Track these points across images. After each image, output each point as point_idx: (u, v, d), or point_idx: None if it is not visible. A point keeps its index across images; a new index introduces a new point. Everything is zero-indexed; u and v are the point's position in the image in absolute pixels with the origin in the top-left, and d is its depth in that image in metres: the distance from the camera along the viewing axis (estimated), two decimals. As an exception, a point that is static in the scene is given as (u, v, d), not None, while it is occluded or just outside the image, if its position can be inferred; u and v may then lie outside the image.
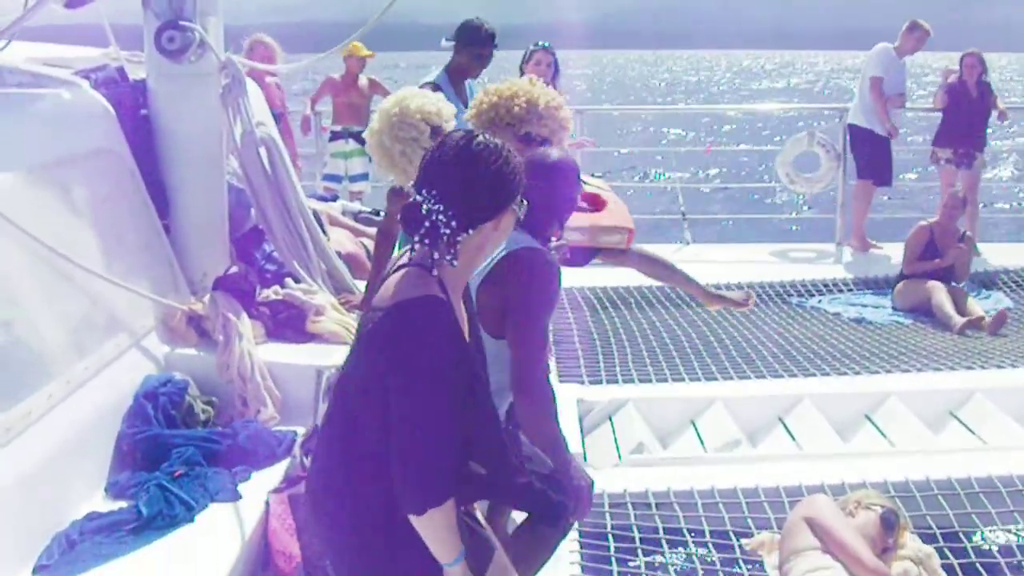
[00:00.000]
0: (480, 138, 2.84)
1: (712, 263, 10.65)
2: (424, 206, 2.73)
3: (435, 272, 2.77)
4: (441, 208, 2.73)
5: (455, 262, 2.76)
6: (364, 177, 11.68)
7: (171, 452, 4.69)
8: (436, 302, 2.72)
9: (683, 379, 7.19)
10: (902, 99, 11.27)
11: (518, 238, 3.78)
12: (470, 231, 2.77)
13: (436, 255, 2.75)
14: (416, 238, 2.76)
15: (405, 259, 2.85)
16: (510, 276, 3.69)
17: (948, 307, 8.83)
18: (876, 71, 11.11)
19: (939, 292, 8.98)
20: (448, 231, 2.73)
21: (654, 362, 7.55)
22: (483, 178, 2.79)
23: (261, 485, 4.61)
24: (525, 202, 2.95)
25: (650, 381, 7.16)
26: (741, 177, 25.62)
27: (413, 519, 2.74)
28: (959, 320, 8.63)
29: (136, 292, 5.28)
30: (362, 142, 9.38)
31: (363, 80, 11.50)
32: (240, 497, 4.51)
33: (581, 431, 6.28)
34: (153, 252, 5.75)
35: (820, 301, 9.55)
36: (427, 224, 2.72)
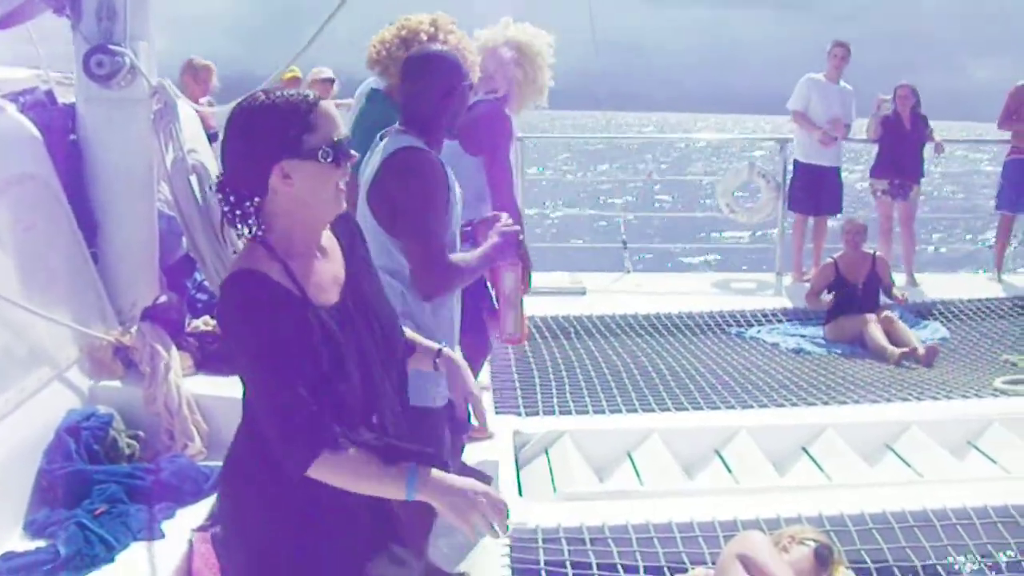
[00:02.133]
0: (242, 103, 2.69)
1: (652, 293, 10.69)
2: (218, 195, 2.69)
3: (262, 238, 2.68)
4: (219, 186, 2.67)
5: (259, 231, 2.66)
6: None
7: (93, 489, 4.56)
8: (246, 275, 2.62)
9: (620, 410, 7.16)
10: (840, 124, 11.29)
11: (400, 139, 3.92)
12: (258, 198, 2.64)
13: (239, 229, 2.66)
14: (229, 225, 2.70)
15: None
16: (387, 180, 3.75)
17: (882, 339, 8.88)
18: (795, 104, 11.35)
19: (871, 326, 9.02)
20: (227, 207, 2.65)
21: (592, 393, 7.51)
22: (233, 143, 2.67)
23: (185, 523, 4.49)
24: (337, 139, 2.71)
25: (587, 413, 7.11)
26: (682, 207, 25.78)
27: (321, 476, 2.62)
28: (895, 351, 8.67)
29: (60, 322, 5.15)
30: None
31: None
32: (163, 536, 4.39)
33: (516, 464, 6.23)
34: (80, 281, 5.62)
35: (759, 331, 9.57)
36: (225, 208, 2.66)
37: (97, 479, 4.62)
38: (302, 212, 2.69)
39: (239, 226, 2.66)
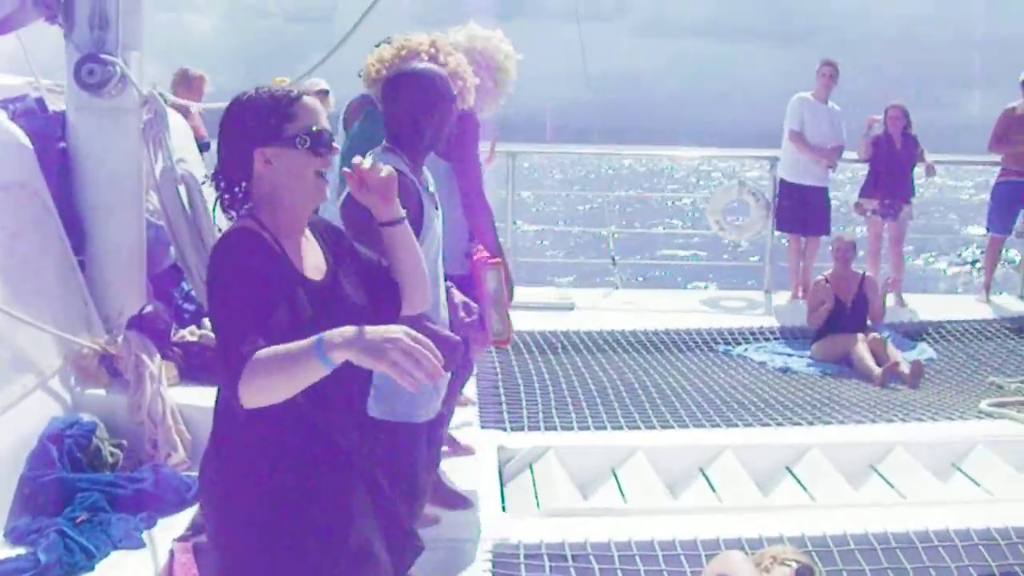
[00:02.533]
0: (234, 99, 2.96)
1: (641, 310, 10.71)
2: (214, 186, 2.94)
3: (253, 215, 2.89)
4: (213, 176, 2.93)
5: (240, 212, 2.90)
6: None
7: (75, 497, 4.55)
8: (242, 232, 2.81)
9: (605, 427, 7.15)
10: (838, 151, 11.37)
11: (383, 158, 3.85)
12: (243, 184, 2.90)
13: (236, 215, 2.91)
14: (223, 211, 2.96)
15: None
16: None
17: (868, 360, 8.89)
18: (792, 124, 11.30)
19: (859, 346, 9.04)
20: (218, 191, 2.90)
21: (577, 409, 7.51)
22: (221, 133, 2.93)
23: (167, 533, 4.49)
24: (314, 128, 2.89)
25: (572, 429, 7.11)
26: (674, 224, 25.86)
27: (252, 393, 2.57)
28: (878, 371, 8.69)
29: (46, 330, 5.15)
30: None
31: None
32: (144, 545, 4.37)
33: (500, 479, 6.23)
34: (67, 289, 5.62)
35: (746, 349, 9.58)
36: (218, 194, 2.91)
37: (79, 487, 4.61)
38: (285, 195, 2.88)
39: (233, 211, 2.91)
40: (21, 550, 4.22)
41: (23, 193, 5.45)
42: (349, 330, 2.51)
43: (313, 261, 2.94)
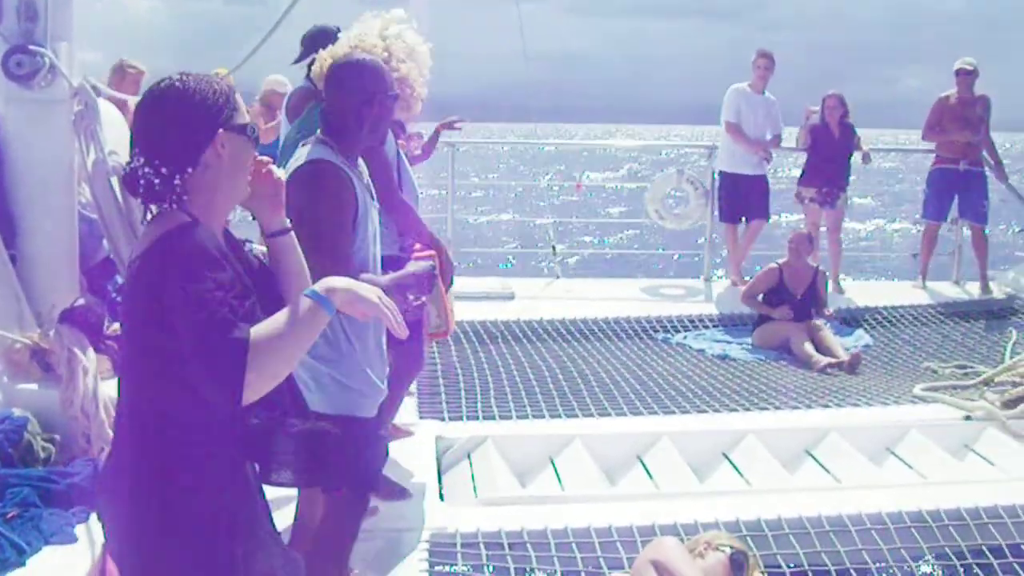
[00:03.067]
0: (162, 82, 2.76)
1: (582, 299, 10.74)
2: (129, 167, 2.70)
3: (185, 208, 2.70)
4: (143, 162, 2.67)
5: (184, 200, 2.68)
6: None
7: (5, 492, 4.51)
8: (187, 226, 2.64)
9: (544, 416, 7.18)
10: (775, 141, 11.51)
11: (314, 151, 3.94)
12: (189, 170, 2.69)
13: (155, 208, 2.71)
14: (141, 201, 2.72)
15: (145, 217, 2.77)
16: (291, 194, 3.76)
17: (808, 347, 8.98)
18: (728, 116, 11.43)
19: (797, 334, 9.13)
20: (159, 179, 2.66)
21: (516, 398, 7.53)
22: (170, 116, 2.71)
23: (99, 527, 4.45)
24: (248, 119, 2.83)
25: (511, 418, 7.13)
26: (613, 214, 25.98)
27: (264, 375, 2.55)
28: (820, 359, 8.78)
29: (-25, 325, 5.10)
30: None
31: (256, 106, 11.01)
32: (76, 540, 4.35)
33: (439, 469, 6.23)
34: (-3, 283, 5.57)
35: (686, 337, 9.65)
36: (142, 183, 2.68)
37: (10, 483, 4.57)
38: (225, 186, 2.77)
39: (159, 202, 2.68)
40: (-50, 547, 4.20)
41: (-48, 187, 5.39)
42: (338, 279, 2.67)
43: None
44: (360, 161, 4.20)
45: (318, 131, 4.14)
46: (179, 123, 2.70)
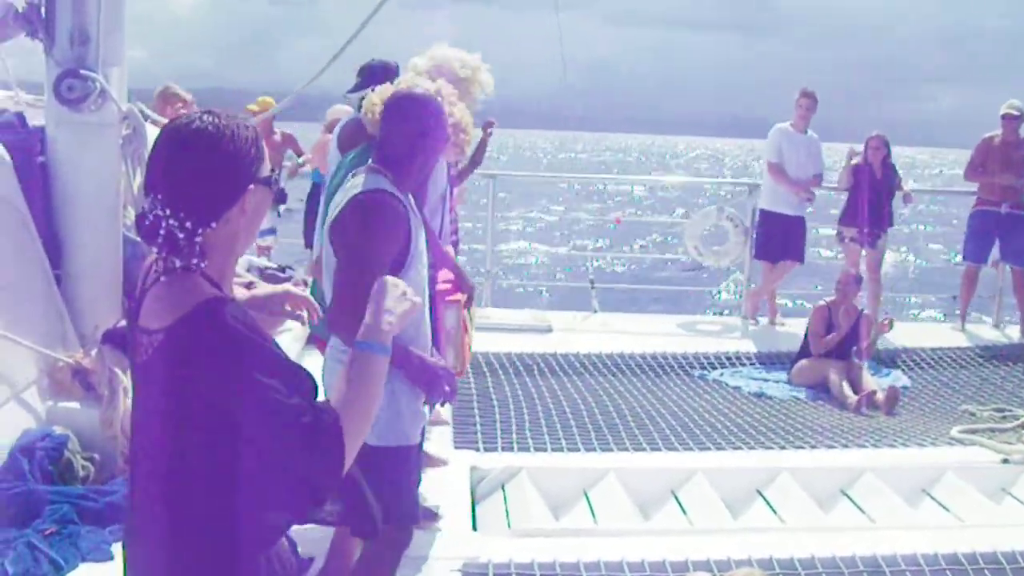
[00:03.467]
0: (189, 123, 2.46)
1: (620, 333, 10.73)
2: (151, 214, 2.39)
3: (196, 269, 2.44)
4: (168, 212, 2.38)
5: (202, 263, 2.42)
6: (272, 232, 11.60)
7: (45, 509, 4.57)
8: (222, 302, 2.41)
9: (579, 449, 7.18)
10: (817, 180, 11.49)
11: (370, 180, 3.93)
12: (213, 224, 2.42)
13: (178, 262, 2.40)
14: (155, 249, 2.43)
15: (157, 267, 2.51)
16: (346, 221, 3.75)
17: (844, 386, 8.94)
18: (770, 156, 11.42)
19: (834, 372, 9.09)
20: (183, 234, 2.38)
21: (551, 431, 7.53)
22: (200, 167, 2.43)
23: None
24: (275, 171, 2.64)
25: (546, 450, 7.13)
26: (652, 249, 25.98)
27: (356, 442, 2.51)
28: (854, 398, 8.74)
29: (20, 343, 5.17)
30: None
31: (277, 134, 11.48)
32: (112, 557, 4.40)
33: (472, 499, 6.24)
34: (43, 303, 5.66)
35: (722, 374, 9.61)
36: (161, 232, 2.38)
37: (49, 500, 4.63)
38: (241, 242, 2.58)
39: (179, 258, 2.41)
40: (-11, 561, 4.25)
41: (1, 207, 5.48)
42: (370, 316, 2.63)
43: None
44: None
45: (369, 160, 4.15)
46: (209, 175, 2.43)
